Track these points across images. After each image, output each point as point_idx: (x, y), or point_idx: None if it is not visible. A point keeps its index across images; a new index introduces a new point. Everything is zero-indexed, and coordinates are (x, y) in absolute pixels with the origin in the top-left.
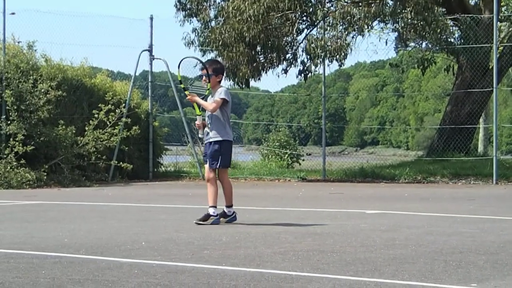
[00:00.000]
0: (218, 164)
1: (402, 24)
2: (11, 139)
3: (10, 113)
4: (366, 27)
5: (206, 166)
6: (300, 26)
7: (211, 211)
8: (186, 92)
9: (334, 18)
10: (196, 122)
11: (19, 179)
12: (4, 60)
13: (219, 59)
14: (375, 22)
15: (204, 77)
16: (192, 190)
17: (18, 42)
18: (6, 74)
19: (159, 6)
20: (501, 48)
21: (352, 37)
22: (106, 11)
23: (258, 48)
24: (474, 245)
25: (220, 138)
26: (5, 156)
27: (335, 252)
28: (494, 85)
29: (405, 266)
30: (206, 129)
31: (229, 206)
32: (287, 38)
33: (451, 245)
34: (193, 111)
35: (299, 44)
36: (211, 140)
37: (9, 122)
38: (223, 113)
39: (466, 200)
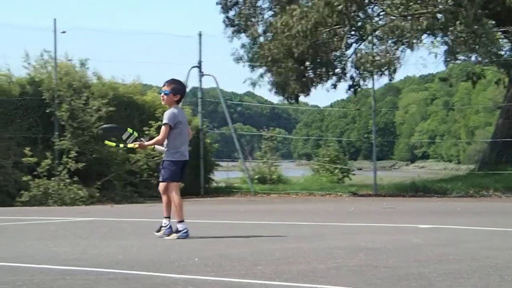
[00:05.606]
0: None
1: (452, 37)
2: (64, 156)
3: (65, 130)
4: (415, 40)
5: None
6: (349, 41)
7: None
8: (130, 145)
9: (384, 32)
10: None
11: (72, 196)
12: (56, 78)
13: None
14: (424, 36)
15: (162, 94)
16: (243, 206)
17: (70, 60)
18: (58, 92)
19: (208, 22)
20: None
21: (401, 51)
22: (155, 28)
23: (307, 63)
24: None
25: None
26: (58, 173)
27: (388, 267)
28: None
29: (460, 281)
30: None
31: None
32: (336, 53)
33: (506, 259)
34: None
35: (348, 58)
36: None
37: (61, 138)
38: (170, 135)
39: None
